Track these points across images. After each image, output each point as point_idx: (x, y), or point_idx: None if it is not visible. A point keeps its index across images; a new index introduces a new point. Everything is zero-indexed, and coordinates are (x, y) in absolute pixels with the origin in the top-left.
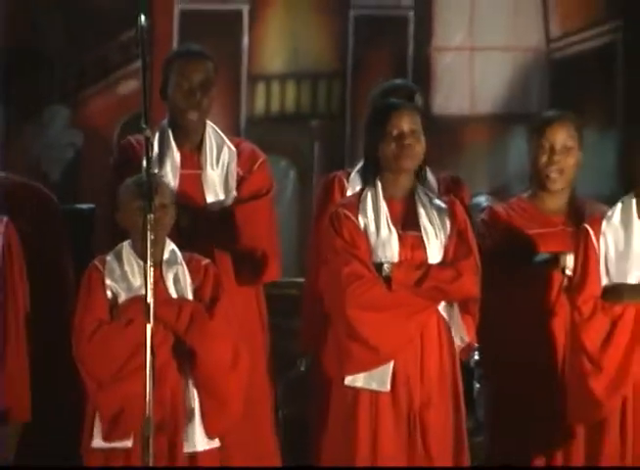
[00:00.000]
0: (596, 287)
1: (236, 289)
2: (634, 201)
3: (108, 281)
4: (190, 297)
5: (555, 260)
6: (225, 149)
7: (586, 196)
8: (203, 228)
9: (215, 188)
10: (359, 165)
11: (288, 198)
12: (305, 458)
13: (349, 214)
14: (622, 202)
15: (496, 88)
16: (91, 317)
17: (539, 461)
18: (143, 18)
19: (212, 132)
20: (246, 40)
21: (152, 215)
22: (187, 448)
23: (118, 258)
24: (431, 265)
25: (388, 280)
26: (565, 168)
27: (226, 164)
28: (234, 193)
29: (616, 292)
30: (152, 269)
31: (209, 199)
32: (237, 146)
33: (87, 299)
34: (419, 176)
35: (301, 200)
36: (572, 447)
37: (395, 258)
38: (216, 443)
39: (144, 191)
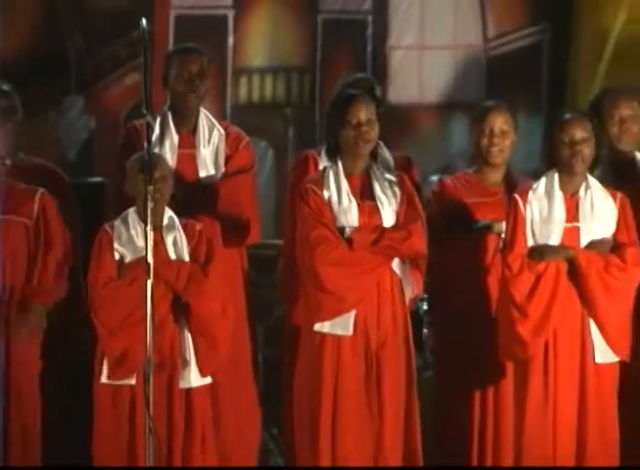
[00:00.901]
0: (523, 247)
1: (223, 250)
2: (557, 175)
3: (116, 244)
4: (187, 257)
5: (489, 228)
6: (215, 131)
7: (516, 171)
8: (196, 199)
9: (207, 165)
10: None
11: (267, 173)
12: (280, 394)
13: (315, 189)
14: (547, 176)
15: (441, 80)
16: (102, 274)
17: (476, 394)
18: (144, 21)
19: (205, 117)
20: (231, 40)
21: (151, 187)
22: (182, 385)
23: (125, 222)
24: (385, 228)
25: (349, 242)
26: (503, 149)
27: (216, 145)
28: (222, 169)
29: (540, 252)
30: (152, 232)
31: (202, 174)
32: (225, 129)
33: (98, 258)
34: (373, 156)
35: (278, 174)
36: (503, 382)
37: (355, 224)
38: (207, 380)
39: (145, 166)
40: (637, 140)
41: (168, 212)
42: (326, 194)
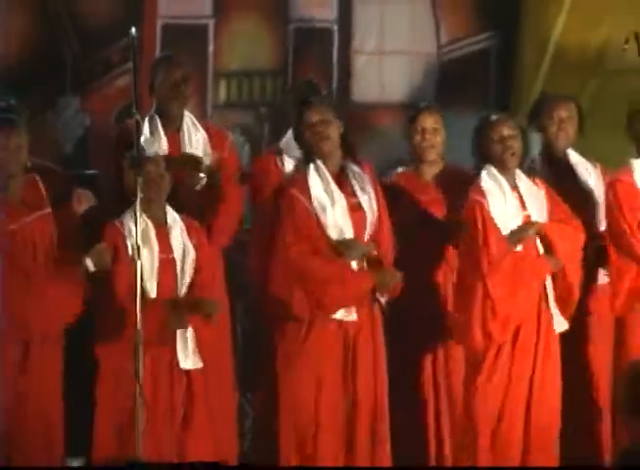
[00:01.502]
0: (497, 245)
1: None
2: (495, 171)
3: (127, 240)
4: (192, 251)
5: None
6: (199, 134)
7: (466, 168)
8: (184, 199)
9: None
10: (285, 138)
11: (243, 166)
12: (255, 361)
13: (299, 194)
14: (488, 173)
15: (400, 82)
16: (124, 277)
17: (428, 359)
18: (134, 30)
19: (189, 120)
20: (211, 47)
21: (141, 179)
22: (183, 366)
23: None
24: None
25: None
26: (434, 144)
27: (200, 145)
28: (208, 164)
29: (511, 238)
30: (149, 222)
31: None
32: (207, 130)
33: (118, 257)
34: (345, 153)
35: None
36: (453, 348)
37: (347, 217)
38: (200, 364)
39: (135, 161)
40: (572, 139)
41: (172, 213)
42: (313, 194)
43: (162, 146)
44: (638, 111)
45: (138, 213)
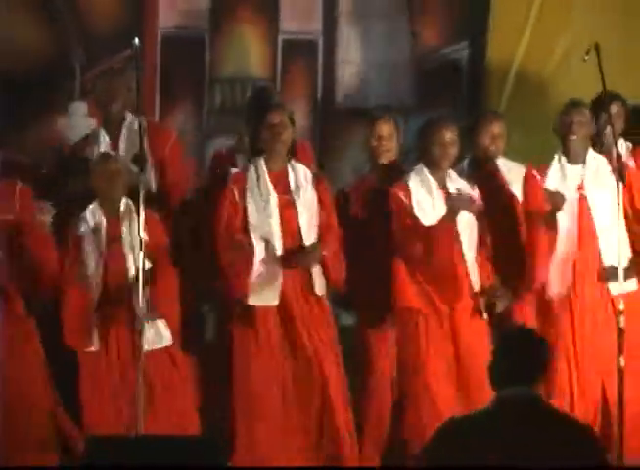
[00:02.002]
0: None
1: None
2: (424, 169)
3: (84, 239)
4: (143, 235)
5: None
6: (138, 130)
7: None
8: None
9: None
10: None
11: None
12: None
13: (235, 190)
14: (416, 171)
15: (380, 88)
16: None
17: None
18: (137, 40)
19: (130, 122)
20: (207, 56)
21: (145, 176)
22: (153, 346)
23: (91, 214)
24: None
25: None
26: (390, 149)
27: (136, 140)
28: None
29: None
30: (97, 210)
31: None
32: (150, 128)
33: (74, 255)
34: (293, 155)
35: None
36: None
37: (275, 212)
38: (166, 342)
39: (140, 160)
40: (501, 152)
41: (130, 206)
42: (247, 189)
43: (102, 147)
44: (565, 106)
45: (142, 208)
